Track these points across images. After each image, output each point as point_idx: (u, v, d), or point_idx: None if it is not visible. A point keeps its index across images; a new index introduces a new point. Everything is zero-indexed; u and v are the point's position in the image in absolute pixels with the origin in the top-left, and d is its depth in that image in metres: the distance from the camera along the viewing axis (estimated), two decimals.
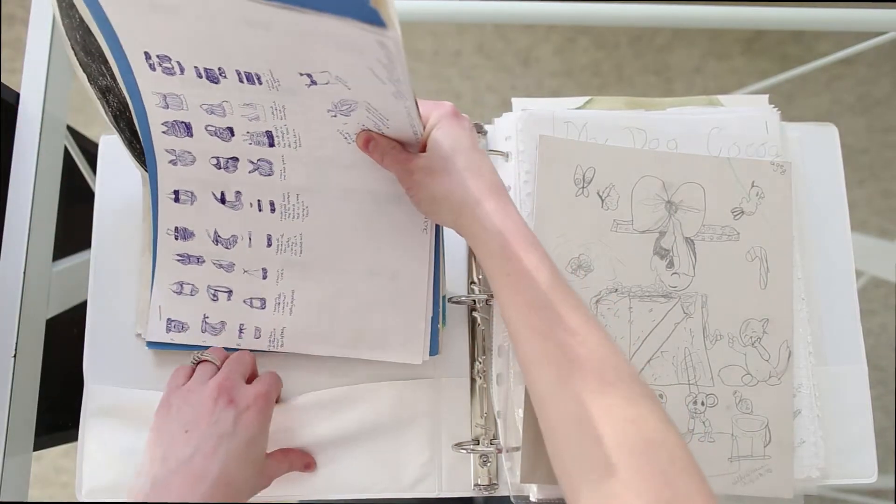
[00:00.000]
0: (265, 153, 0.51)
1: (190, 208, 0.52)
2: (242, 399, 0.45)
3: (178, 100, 0.49)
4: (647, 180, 0.54)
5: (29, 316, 0.56)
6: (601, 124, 0.55)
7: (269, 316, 0.53)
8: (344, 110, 0.47)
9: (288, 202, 0.52)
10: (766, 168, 0.56)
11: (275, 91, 0.47)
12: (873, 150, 1.45)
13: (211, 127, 0.50)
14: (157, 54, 0.47)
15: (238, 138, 0.50)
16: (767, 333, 0.54)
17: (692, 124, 0.56)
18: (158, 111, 0.50)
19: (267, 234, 0.52)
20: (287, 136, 0.50)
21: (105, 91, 0.51)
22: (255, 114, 0.49)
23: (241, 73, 0.47)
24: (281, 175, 0.51)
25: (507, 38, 1.49)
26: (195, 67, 0.47)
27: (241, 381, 0.47)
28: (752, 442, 0.52)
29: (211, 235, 0.53)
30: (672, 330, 0.53)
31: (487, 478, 0.52)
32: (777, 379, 0.53)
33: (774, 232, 0.55)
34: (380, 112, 0.46)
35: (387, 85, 0.43)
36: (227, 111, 0.49)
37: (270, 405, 0.46)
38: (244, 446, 0.43)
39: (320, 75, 0.45)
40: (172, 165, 0.52)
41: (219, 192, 0.52)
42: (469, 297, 0.54)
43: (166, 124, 0.50)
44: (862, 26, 0.67)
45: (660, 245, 0.54)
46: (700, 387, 0.53)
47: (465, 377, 0.54)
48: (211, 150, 0.51)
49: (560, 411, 0.39)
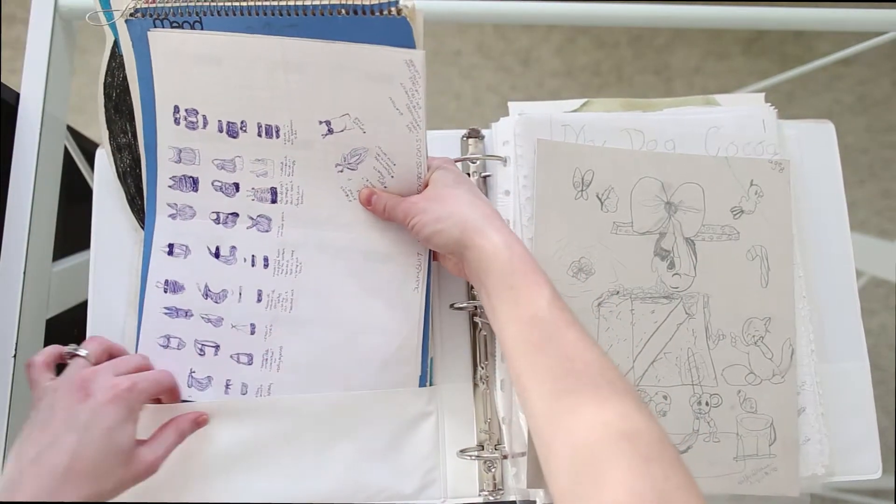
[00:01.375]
0: (266, 209, 0.52)
1: (182, 262, 0.53)
2: (100, 391, 0.44)
3: (193, 154, 0.52)
4: (646, 181, 0.54)
5: (29, 316, 0.56)
6: (599, 127, 0.55)
7: (257, 372, 0.52)
8: (352, 163, 0.51)
9: (282, 258, 0.52)
10: (764, 166, 0.56)
11: (289, 145, 0.51)
12: (873, 150, 1.45)
13: (217, 182, 0.52)
14: (186, 108, 0.52)
15: (242, 194, 0.52)
16: (770, 332, 0.54)
17: (690, 124, 0.56)
18: (170, 165, 0.52)
19: (258, 289, 0.52)
20: (291, 193, 0.52)
21: (121, 148, 0.53)
22: (265, 170, 0.52)
23: (261, 125, 0.51)
24: (278, 231, 0.52)
25: (507, 38, 1.49)
26: (219, 121, 0.52)
27: (105, 375, 0.45)
28: (757, 441, 0.53)
29: (201, 289, 0.53)
30: (675, 331, 0.53)
31: (493, 483, 0.52)
32: (781, 377, 0.53)
33: (774, 230, 0.55)
34: (388, 156, 0.51)
35: (404, 115, 0.50)
36: (237, 167, 0.52)
37: (134, 394, 0.45)
38: (100, 436, 0.42)
39: (339, 120, 0.50)
40: (171, 219, 0.53)
41: (214, 247, 0.53)
42: (471, 303, 0.54)
43: (174, 178, 0.52)
44: (862, 26, 0.67)
45: (660, 246, 0.54)
46: (704, 387, 0.53)
47: (467, 383, 0.54)
48: (213, 205, 0.53)
49: (555, 426, 0.38)
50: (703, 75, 1.48)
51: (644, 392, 0.52)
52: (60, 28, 0.60)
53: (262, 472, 0.51)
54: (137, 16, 0.51)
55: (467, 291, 0.55)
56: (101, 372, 0.46)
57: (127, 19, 0.51)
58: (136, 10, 0.51)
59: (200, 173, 0.52)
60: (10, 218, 0.56)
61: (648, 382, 0.52)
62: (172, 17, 0.51)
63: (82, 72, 1.42)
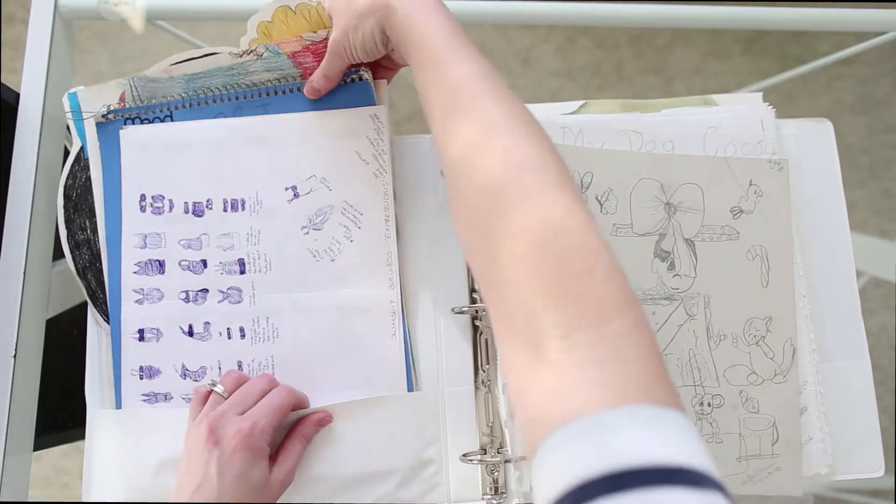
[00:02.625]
0: (236, 281, 0.53)
1: (156, 345, 0.52)
2: (225, 439, 0.46)
3: (159, 238, 0.53)
4: (645, 183, 0.54)
5: (29, 316, 0.56)
6: (597, 128, 0.55)
7: None
8: (318, 223, 0.52)
9: (258, 326, 0.52)
10: (763, 166, 0.56)
11: (255, 215, 0.53)
12: (873, 150, 1.45)
13: (185, 262, 0.53)
14: (153, 195, 0.53)
15: (210, 269, 0.53)
16: (771, 332, 0.54)
17: (688, 125, 0.56)
18: (134, 252, 0.53)
19: (237, 360, 0.52)
20: (258, 262, 0.53)
21: (79, 245, 0.54)
22: (231, 243, 0.53)
23: (227, 200, 0.53)
24: (251, 301, 0.53)
25: (507, 38, 1.49)
26: (185, 203, 0.53)
27: (231, 418, 0.47)
28: (759, 441, 0.53)
29: (178, 370, 0.52)
30: (676, 332, 0.53)
31: (495, 487, 0.52)
32: (783, 377, 0.53)
33: (774, 230, 0.55)
34: (354, 208, 0.53)
35: (370, 164, 0.53)
36: (203, 244, 0.53)
37: (256, 436, 0.46)
38: (234, 482, 0.45)
39: (305, 183, 0.53)
40: (138, 305, 0.53)
41: (186, 326, 0.52)
42: (472, 306, 0.54)
43: (139, 264, 0.52)
44: (862, 26, 0.67)
45: (660, 247, 0.54)
46: (706, 388, 0.53)
47: (468, 386, 0.54)
48: (181, 285, 0.53)
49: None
50: (703, 75, 1.48)
51: None
52: (60, 28, 0.60)
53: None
54: (109, 117, 0.53)
55: (469, 294, 0.55)
56: (227, 415, 0.47)
57: (98, 122, 0.53)
58: (108, 111, 0.53)
59: (167, 255, 0.53)
60: (10, 218, 0.56)
61: None
62: (144, 115, 0.53)
63: (82, 72, 1.42)
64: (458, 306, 0.54)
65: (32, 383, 0.57)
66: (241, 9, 0.63)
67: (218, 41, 0.55)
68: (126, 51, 1.43)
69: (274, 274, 0.53)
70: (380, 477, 0.52)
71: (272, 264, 0.52)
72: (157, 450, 0.51)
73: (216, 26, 1.33)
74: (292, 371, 0.52)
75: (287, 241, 0.53)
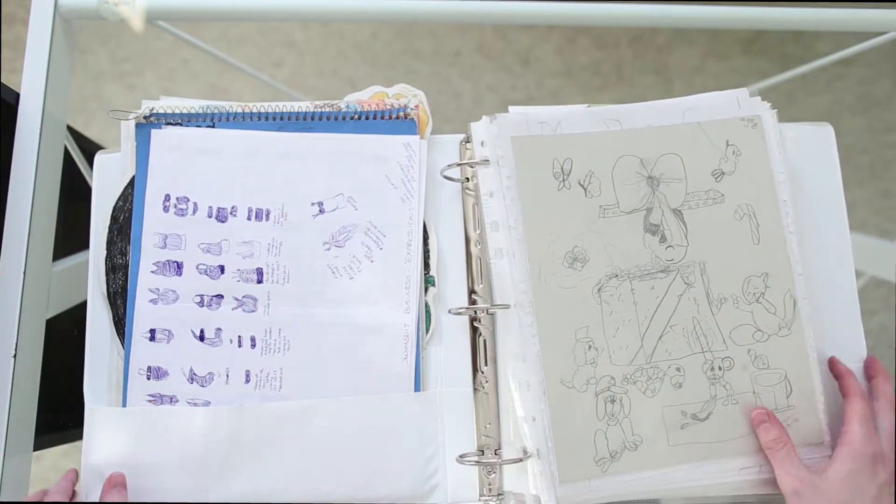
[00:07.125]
0: (252, 290, 0.53)
1: (166, 346, 0.52)
2: None
3: (179, 239, 0.53)
4: (625, 160, 0.55)
5: (29, 316, 0.56)
6: (575, 121, 0.55)
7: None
8: (340, 240, 0.53)
9: (269, 337, 0.52)
10: (737, 125, 0.56)
11: (279, 226, 0.53)
12: (873, 151, 1.45)
13: (202, 265, 0.53)
14: (178, 196, 0.53)
15: (227, 276, 0.53)
16: (769, 287, 0.54)
17: (665, 109, 0.56)
18: (153, 251, 0.53)
19: (246, 369, 0.52)
20: (277, 273, 0.53)
21: (116, 268, 0.53)
22: (251, 251, 0.53)
23: (252, 209, 0.53)
24: (265, 311, 0.53)
25: (507, 38, 1.49)
26: (209, 207, 0.53)
27: None
28: (774, 396, 0.53)
29: (186, 374, 0.52)
30: (677, 303, 0.53)
31: (493, 488, 0.52)
32: (787, 329, 0.54)
33: (757, 186, 0.55)
34: (378, 229, 0.53)
35: (398, 189, 0.53)
36: (223, 249, 0.53)
37: None
38: None
39: (332, 200, 0.53)
40: (153, 304, 0.52)
41: (198, 330, 0.52)
42: (470, 307, 0.54)
43: (157, 264, 0.52)
44: (862, 26, 0.67)
45: (649, 222, 0.54)
46: (714, 352, 0.53)
47: (467, 387, 0.54)
48: (197, 288, 0.53)
49: None
50: (703, 75, 1.48)
51: (657, 368, 0.52)
52: (60, 28, 0.60)
53: (262, 475, 0.51)
54: (151, 119, 0.53)
55: (468, 295, 0.55)
56: None
57: (139, 123, 0.53)
58: (151, 113, 0.53)
59: (185, 257, 0.52)
60: (10, 218, 0.56)
61: (660, 358, 0.52)
62: (186, 122, 0.53)
63: (82, 72, 1.42)
64: (456, 307, 0.54)
65: (32, 383, 0.57)
66: (241, 9, 0.63)
67: (218, 41, 0.55)
68: (126, 51, 1.43)
69: (291, 286, 0.53)
70: (379, 477, 0.52)
71: (290, 277, 0.53)
72: (157, 450, 0.51)
73: (216, 26, 1.33)
74: (301, 385, 0.52)
75: (308, 256, 0.53)
